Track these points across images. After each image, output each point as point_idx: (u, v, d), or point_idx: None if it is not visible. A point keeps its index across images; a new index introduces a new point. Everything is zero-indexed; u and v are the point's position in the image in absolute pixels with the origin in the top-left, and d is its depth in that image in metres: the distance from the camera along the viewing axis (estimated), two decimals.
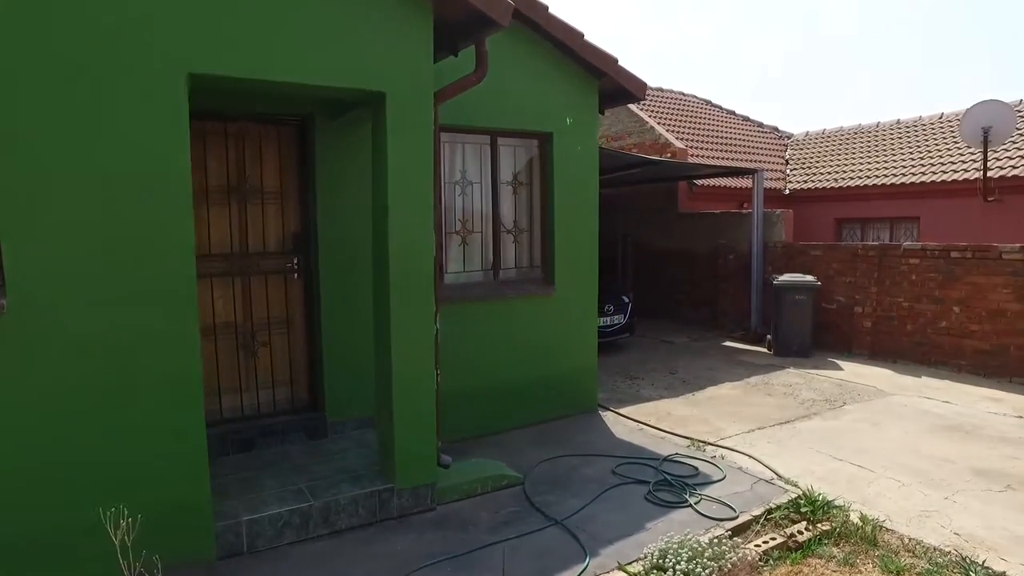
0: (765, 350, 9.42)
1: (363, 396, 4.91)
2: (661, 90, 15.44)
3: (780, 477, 4.82)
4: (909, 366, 8.46)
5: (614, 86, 6.10)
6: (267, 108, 4.71)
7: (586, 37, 5.73)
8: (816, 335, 9.33)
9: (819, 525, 4.01)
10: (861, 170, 12.93)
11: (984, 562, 3.64)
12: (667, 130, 12.35)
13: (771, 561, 3.63)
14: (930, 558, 3.68)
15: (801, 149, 15.32)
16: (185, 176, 3.38)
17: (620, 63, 5.97)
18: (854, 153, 13.78)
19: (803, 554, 3.72)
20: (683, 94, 15.81)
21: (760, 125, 16.13)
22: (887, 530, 4.06)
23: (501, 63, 5.51)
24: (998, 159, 10.76)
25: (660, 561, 3.35)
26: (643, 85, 6.19)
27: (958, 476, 4.94)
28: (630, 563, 3.53)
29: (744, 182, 12.22)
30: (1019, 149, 10.85)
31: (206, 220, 4.66)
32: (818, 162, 14.18)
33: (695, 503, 4.34)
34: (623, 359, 8.90)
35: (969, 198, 10.75)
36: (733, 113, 16.09)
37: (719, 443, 5.58)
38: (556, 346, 6.06)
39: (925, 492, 4.65)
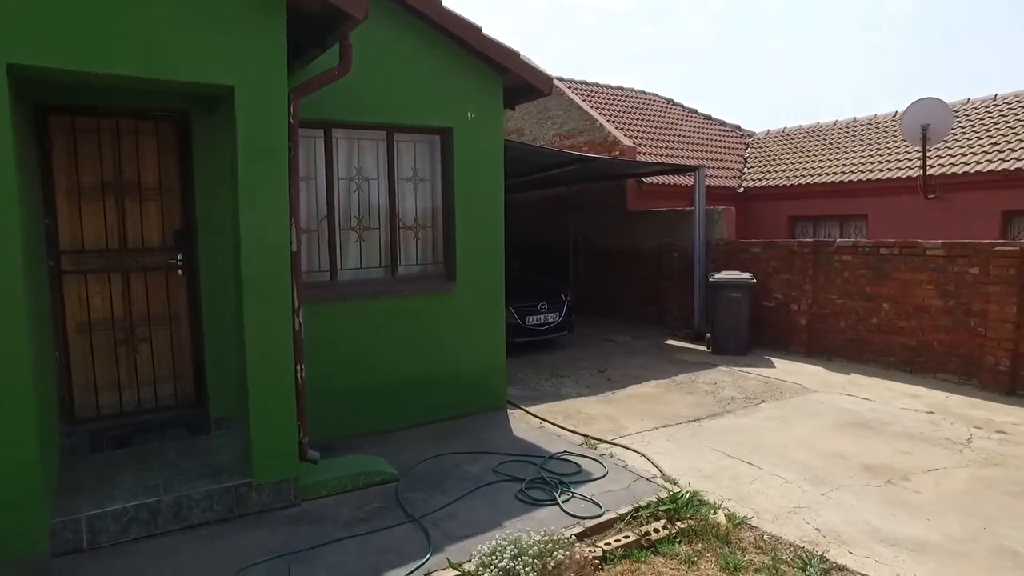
0: (705, 348, 9.41)
1: None
2: (622, 88, 15.44)
3: (662, 475, 4.79)
4: (841, 363, 8.45)
5: (520, 81, 6.07)
6: (142, 104, 4.67)
7: (484, 31, 5.70)
8: (756, 332, 9.33)
9: (678, 524, 3.99)
10: (813, 168, 12.93)
11: (826, 554, 3.62)
12: (617, 128, 12.32)
13: (614, 560, 3.60)
14: (776, 554, 3.66)
15: (760, 148, 15.31)
16: (8, 168, 3.33)
17: (522, 57, 5.94)
18: (809, 151, 13.78)
19: (651, 553, 3.69)
20: (644, 93, 15.81)
21: (722, 124, 16.12)
22: (750, 527, 4.04)
23: (397, 58, 5.51)
24: (940, 157, 10.76)
25: (489, 559, 3.31)
26: (548, 79, 6.17)
27: (845, 472, 4.92)
28: (466, 561, 3.50)
29: (681, 179, 12.20)
30: (960, 147, 10.85)
31: (78, 216, 4.62)
32: (774, 160, 14.18)
33: (563, 501, 4.31)
34: (557, 357, 8.88)
35: (914, 195, 10.75)
36: (695, 112, 16.09)
37: (616, 441, 5.55)
38: (459, 343, 6.03)
39: (805, 489, 4.62)
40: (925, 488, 4.60)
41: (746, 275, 9.08)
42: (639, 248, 11.29)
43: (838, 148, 13.25)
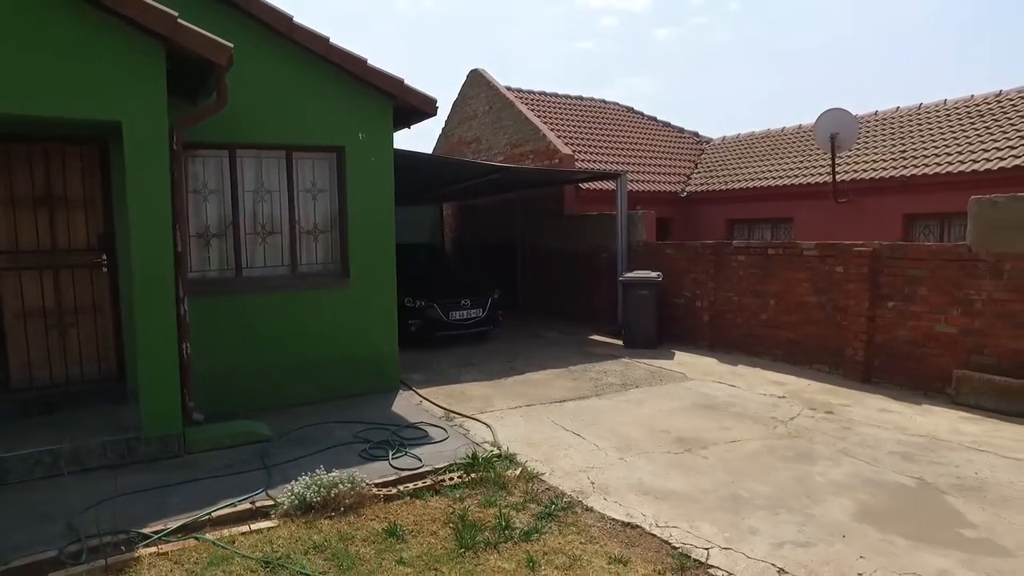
0: (621, 343, 10.23)
1: None
2: (581, 98, 16.30)
3: (492, 442, 5.68)
4: (736, 356, 9.23)
5: (407, 104, 7.02)
6: (66, 132, 5.72)
7: (370, 63, 6.67)
8: (668, 328, 10.15)
9: (472, 475, 4.87)
10: (749, 173, 13.66)
11: (584, 500, 4.46)
12: (561, 137, 13.20)
13: (402, 497, 4.50)
14: (533, 496, 4.53)
15: (713, 154, 16.04)
16: None
17: (407, 84, 6.89)
18: (750, 157, 14.50)
19: (434, 494, 4.58)
20: (604, 102, 16.64)
21: (680, 131, 16.88)
22: (538, 480, 4.89)
23: (293, 87, 6.51)
24: (854, 163, 11.45)
25: (292, 489, 4.26)
26: (431, 102, 7.10)
27: (656, 443, 5.75)
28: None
29: (630, 185, 13.00)
30: (867, 155, 11.55)
31: (13, 223, 5.69)
32: (720, 166, 14.92)
33: (394, 457, 5.24)
34: (476, 349, 9.80)
35: (831, 199, 11.45)
36: (654, 119, 16.87)
37: (474, 416, 6.45)
38: (353, 332, 7.00)
39: (608, 454, 5.47)
40: (714, 455, 5.42)
41: (653, 274, 9.90)
42: (575, 250, 12.16)
43: (775, 154, 13.96)
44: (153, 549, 3.70)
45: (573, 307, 12.29)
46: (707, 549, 3.79)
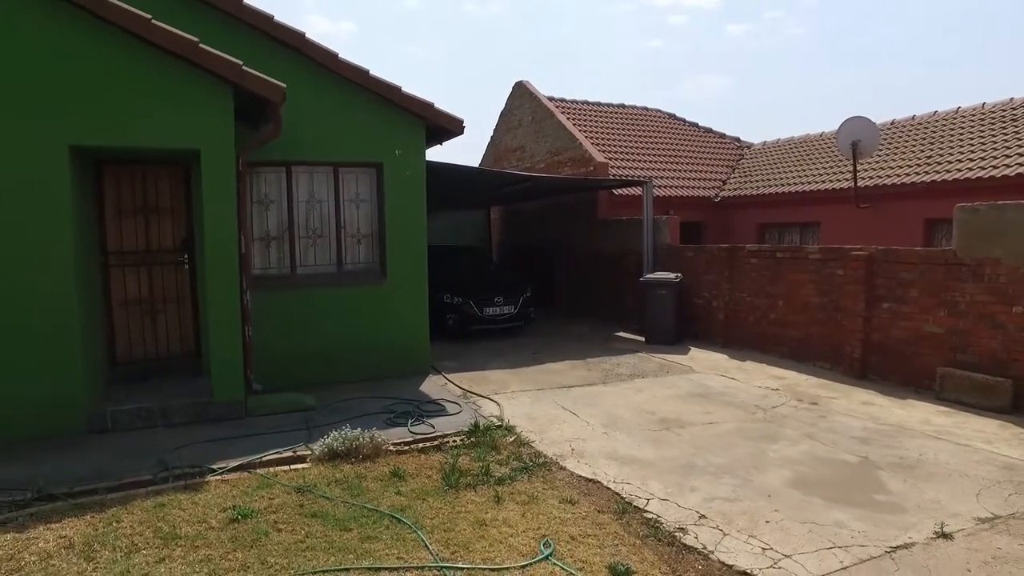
0: (643, 339, 10.99)
1: None
2: (623, 106, 17.03)
3: (498, 416, 6.65)
4: (746, 352, 9.86)
5: (438, 124, 8.08)
6: (160, 156, 7.06)
7: (404, 90, 7.77)
8: (687, 326, 10.85)
9: (472, 439, 5.86)
10: (781, 178, 14.07)
11: (561, 461, 5.36)
12: (597, 145, 14.01)
13: (412, 453, 5.54)
14: (517, 455, 5.48)
15: (752, 159, 16.44)
16: (65, 207, 5.73)
17: (436, 107, 7.95)
18: (785, 162, 14.88)
19: (438, 451, 5.59)
20: (646, 109, 17.31)
21: (721, 136, 17.34)
22: (527, 445, 5.80)
23: (338, 112, 7.67)
24: (879, 169, 11.78)
25: (324, 442, 5.36)
26: (458, 122, 8.13)
27: (641, 422, 6.58)
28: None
29: (663, 191, 13.70)
30: (894, 160, 11.85)
31: (119, 229, 7.08)
32: (756, 171, 15.34)
33: (412, 425, 6.28)
34: (507, 342, 10.77)
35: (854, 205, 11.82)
36: (695, 125, 17.40)
37: (488, 396, 7.43)
38: (389, 322, 8.11)
39: (595, 429, 6.34)
40: (688, 433, 6.21)
41: (672, 275, 10.63)
42: (606, 252, 12.97)
43: (808, 160, 14.32)
44: (218, 478, 4.88)
45: (604, 306, 13.09)
46: (648, 499, 4.65)
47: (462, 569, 3.57)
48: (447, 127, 8.08)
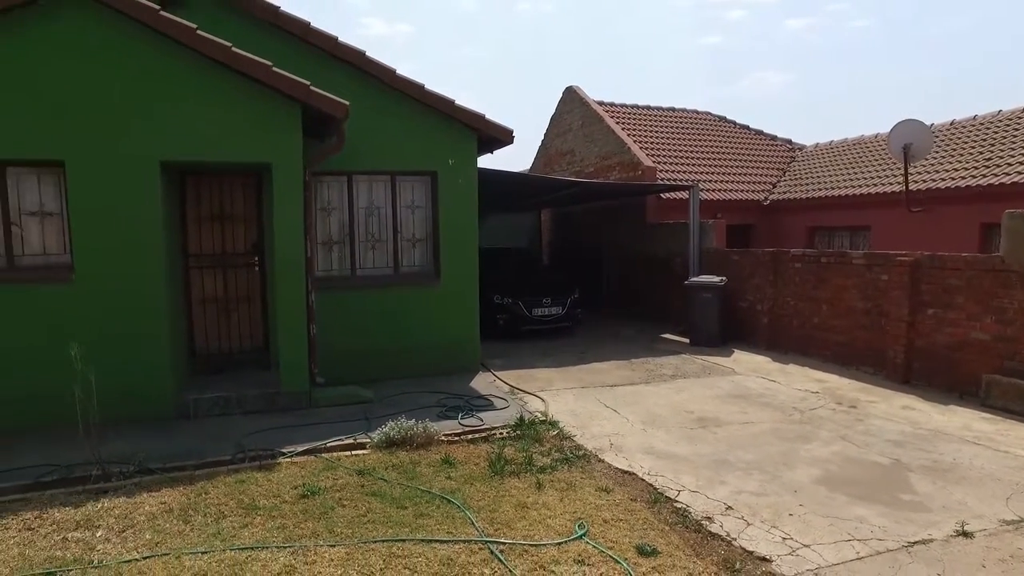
0: (687, 341, 11.20)
1: None
2: (673, 110, 17.16)
3: (542, 412, 7.05)
4: (789, 356, 9.97)
5: (489, 134, 8.54)
6: (235, 168, 7.74)
7: (457, 102, 8.25)
8: (732, 328, 11.01)
9: (517, 431, 6.28)
10: (832, 181, 13.99)
11: (600, 454, 5.73)
12: (645, 149, 14.23)
13: (461, 443, 6.00)
14: (559, 446, 5.87)
15: (803, 161, 16.34)
16: (156, 213, 6.43)
17: (487, 118, 8.40)
18: (836, 165, 14.76)
19: (486, 442, 6.04)
20: (696, 112, 17.39)
21: (772, 139, 17.27)
22: (569, 439, 6.19)
23: (396, 124, 8.22)
24: (933, 172, 11.65)
25: (387, 433, 5.88)
26: (508, 132, 8.57)
27: (679, 420, 6.87)
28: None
29: (712, 194, 13.83)
30: (949, 163, 11.69)
31: (199, 234, 7.80)
32: (807, 173, 15.27)
33: (462, 418, 6.74)
34: (555, 343, 11.15)
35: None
36: (746, 128, 17.37)
37: (535, 393, 7.84)
38: (442, 322, 8.61)
39: (635, 425, 6.68)
40: (724, 432, 6.48)
41: (716, 279, 10.81)
42: (653, 255, 13.20)
43: (859, 162, 14.19)
44: (288, 460, 5.45)
45: (650, 307, 13.32)
46: (679, 491, 4.97)
47: (504, 543, 3.99)
48: (498, 137, 8.53)
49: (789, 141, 17.36)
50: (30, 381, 6.23)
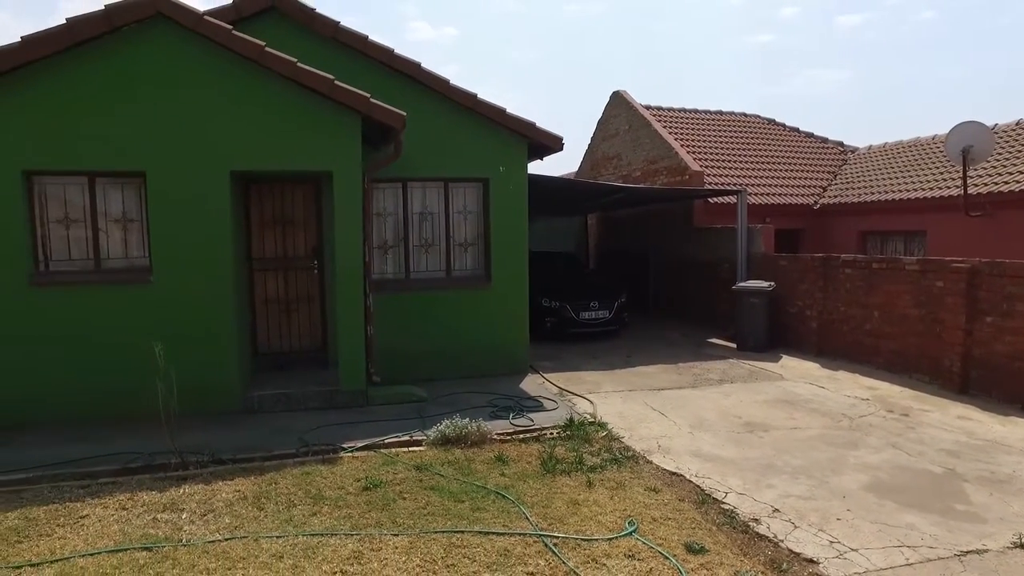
0: (735, 346, 11.19)
1: None
2: (720, 113, 17.07)
3: (591, 413, 7.21)
4: (839, 362, 9.88)
5: (539, 142, 8.75)
6: (297, 176, 8.13)
7: (508, 111, 8.48)
8: (780, 334, 10.95)
9: (567, 432, 6.46)
10: (886, 185, 13.72)
11: (648, 456, 5.87)
12: (693, 153, 14.22)
13: (512, 442, 6.21)
14: (608, 447, 6.02)
15: (856, 163, 16.04)
16: (227, 217, 6.85)
17: (537, 126, 8.61)
18: (891, 167, 14.46)
19: (536, 442, 6.24)
20: (744, 115, 17.25)
21: (823, 141, 17.00)
22: (617, 440, 6.34)
23: (449, 132, 8.50)
24: (995, 175, 11.34)
25: (437, 428, 6.14)
26: (558, 139, 8.76)
27: (726, 424, 6.95)
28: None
29: (760, 198, 13.73)
30: (1005, 167, 11.36)
31: (262, 238, 8.22)
32: (859, 176, 14.99)
33: (512, 418, 6.95)
34: (602, 345, 11.27)
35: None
36: (796, 130, 17.15)
37: (583, 395, 8.00)
38: (493, 324, 8.85)
39: (681, 428, 6.78)
40: (771, 436, 6.53)
41: (764, 284, 10.77)
42: (700, 259, 13.19)
43: (915, 165, 13.87)
44: (349, 455, 5.75)
45: (697, 312, 13.32)
46: (726, 493, 5.08)
47: (557, 537, 4.19)
48: (547, 144, 8.73)
49: (841, 143, 17.06)
50: (115, 375, 6.70)
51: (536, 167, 15.96)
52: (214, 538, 4.15)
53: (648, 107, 16.23)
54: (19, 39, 6.19)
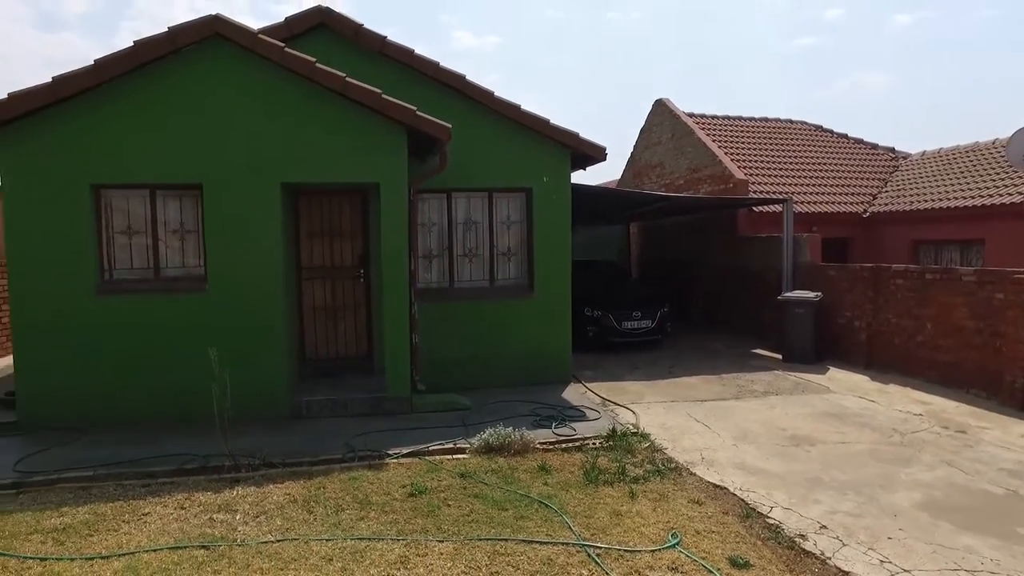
0: (780, 357, 10.98)
1: None
2: (766, 120, 16.81)
3: (633, 424, 7.19)
4: (889, 375, 9.60)
5: (582, 152, 8.79)
6: (344, 187, 8.35)
7: (552, 122, 8.56)
8: (828, 345, 10.72)
9: (609, 442, 6.46)
10: (940, 192, 13.30)
11: (691, 468, 5.83)
12: (734, 160, 14.04)
13: (555, 451, 6.25)
14: (651, 458, 6.00)
15: (908, 170, 15.58)
16: (277, 227, 7.08)
17: (581, 136, 8.66)
18: (946, 174, 14.01)
19: (578, 452, 6.25)
20: (790, 122, 16.95)
21: (873, 147, 16.57)
22: (660, 451, 6.32)
23: (493, 143, 8.62)
24: None
25: (486, 439, 6.21)
26: (601, 149, 8.79)
27: (771, 437, 6.84)
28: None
29: (807, 206, 13.47)
30: None
31: (310, 247, 8.46)
32: (912, 183, 14.56)
33: (555, 427, 6.98)
34: (644, 355, 11.20)
35: None
36: (844, 136, 16.77)
37: (625, 405, 7.98)
38: (536, 334, 8.90)
39: (725, 441, 6.71)
40: (818, 450, 6.40)
41: (811, 294, 10.56)
42: (744, 268, 13.00)
43: (973, 171, 13.41)
44: (394, 461, 5.87)
45: (741, 321, 13.12)
46: (771, 507, 5.01)
47: (601, 547, 4.20)
48: (591, 154, 8.77)
49: (892, 149, 16.61)
50: (171, 380, 6.99)
51: (578, 175, 15.99)
52: (267, 539, 4.30)
53: (691, 115, 16.10)
54: (92, 63, 6.55)
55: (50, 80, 6.48)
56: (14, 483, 5.34)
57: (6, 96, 6.43)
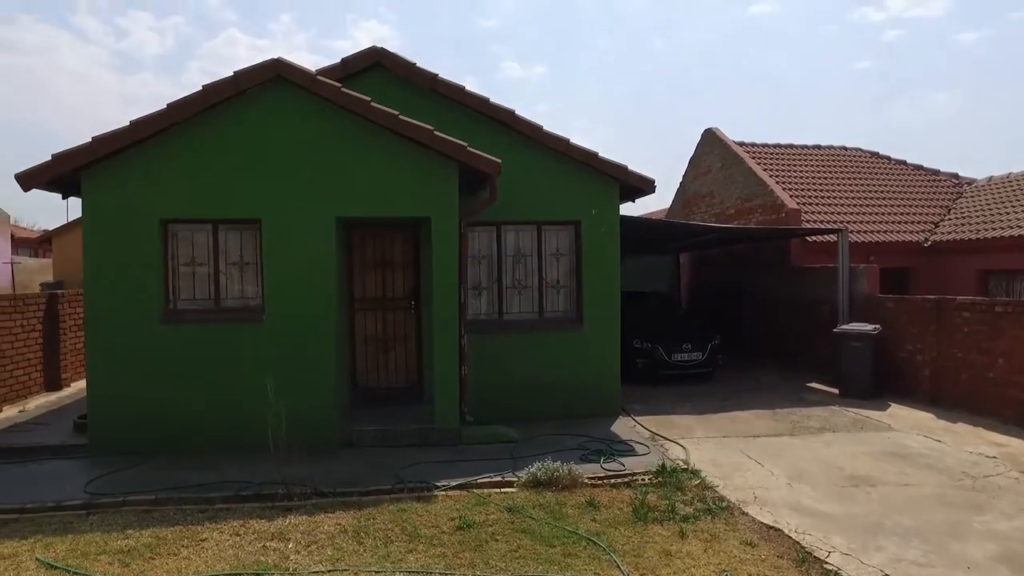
0: (836, 392, 10.62)
1: None
2: (819, 147, 16.51)
3: (683, 459, 7.05)
4: (957, 413, 9.15)
5: (630, 184, 8.82)
6: (396, 221, 8.57)
7: (600, 155, 8.63)
8: (888, 381, 10.31)
9: (659, 479, 6.35)
10: (1010, 219, 12.75)
11: (743, 507, 5.68)
12: (786, 189, 13.80)
13: (603, 486, 6.18)
14: (701, 496, 5.87)
15: (973, 196, 15.02)
16: (333, 260, 7.31)
17: (629, 169, 8.69)
18: (1016, 200, 13.44)
19: (627, 488, 6.17)
20: (845, 149, 16.61)
21: (935, 173, 16.06)
22: (711, 489, 6.17)
23: (542, 176, 8.74)
24: None
25: (530, 471, 6.20)
26: (650, 182, 8.80)
27: (828, 477, 6.61)
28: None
29: (864, 236, 13.10)
30: None
31: (362, 279, 8.69)
32: (977, 211, 14.02)
33: (604, 462, 6.91)
34: (694, 388, 10.98)
35: None
36: (903, 163, 16.31)
37: (675, 440, 7.84)
38: (585, 366, 8.86)
39: (779, 480, 6.51)
40: (878, 493, 6.14)
41: (869, 327, 10.21)
42: (798, 299, 12.69)
43: None
44: (442, 493, 5.91)
45: (794, 354, 12.76)
46: (829, 552, 4.82)
47: None
48: (639, 187, 8.78)
49: (955, 175, 16.06)
50: (228, 408, 7.23)
51: (627, 206, 15.97)
52: (318, 569, 4.38)
53: (741, 143, 15.95)
54: (165, 106, 6.97)
55: (128, 124, 6.92)
56: (84, 504, 5.60)
57: (92, 140, 6.88)
